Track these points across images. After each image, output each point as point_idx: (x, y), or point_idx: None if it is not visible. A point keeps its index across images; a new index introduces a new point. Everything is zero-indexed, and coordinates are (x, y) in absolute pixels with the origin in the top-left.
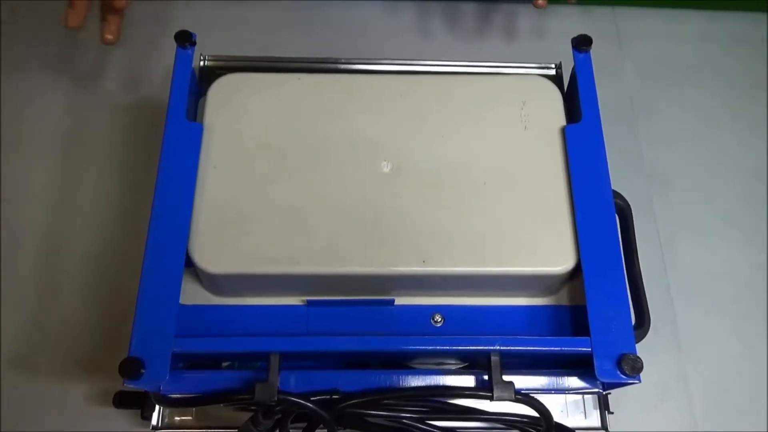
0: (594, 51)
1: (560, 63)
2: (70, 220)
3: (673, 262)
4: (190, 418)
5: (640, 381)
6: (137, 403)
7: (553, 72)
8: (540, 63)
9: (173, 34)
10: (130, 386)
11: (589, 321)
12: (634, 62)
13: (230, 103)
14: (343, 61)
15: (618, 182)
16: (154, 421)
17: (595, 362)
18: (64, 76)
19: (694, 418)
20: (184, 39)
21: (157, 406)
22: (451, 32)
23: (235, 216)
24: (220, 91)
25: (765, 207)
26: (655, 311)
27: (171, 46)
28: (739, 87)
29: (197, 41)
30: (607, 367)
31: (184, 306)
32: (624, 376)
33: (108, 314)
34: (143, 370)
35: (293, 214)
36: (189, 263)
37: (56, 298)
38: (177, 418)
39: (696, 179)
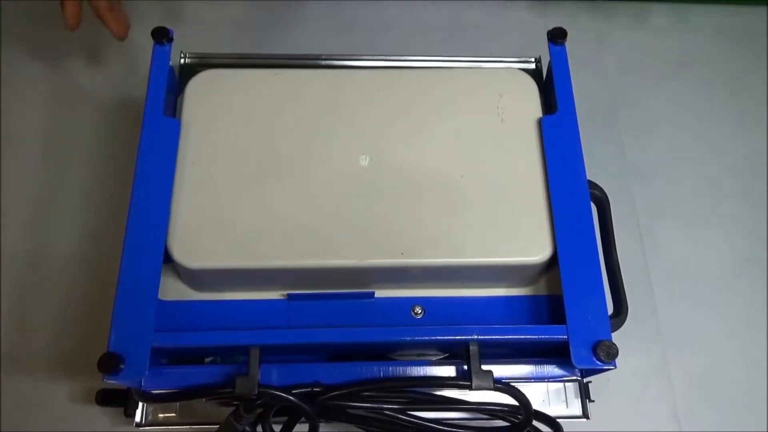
0: (575, 45)
1: (539, 56)
2: (54, 219)
3: (654, 253)
4: (173, 414)
5: (615, 367)
6: (120, 401)
7: (532, 66)
8: (519, 57)
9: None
10: (110, 382)
11: (566, 309)
12: (615, 55)
13: (208, 98)
14: (323, 57)
15: (599, 173)
16: (137, 419)
17: (572, 349)
18: (46, 75)
19: (675, 405)
20: (161, 35)
21: (140, 404)
22: (435, 29)
23: (213, 211)
24: (198, 86)
25: (747, 198)
26: (637, 301)
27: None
28: (721, 79)
29: (176, 38)
30: (583, 353)
31: (163, 302)
32: (599, 362)
33: (91, 313)
34: (122, 366)
35: (272, 209)
36: (168, 259)
37: (39, 296)
38: (161, 415)
39: (677, 171)
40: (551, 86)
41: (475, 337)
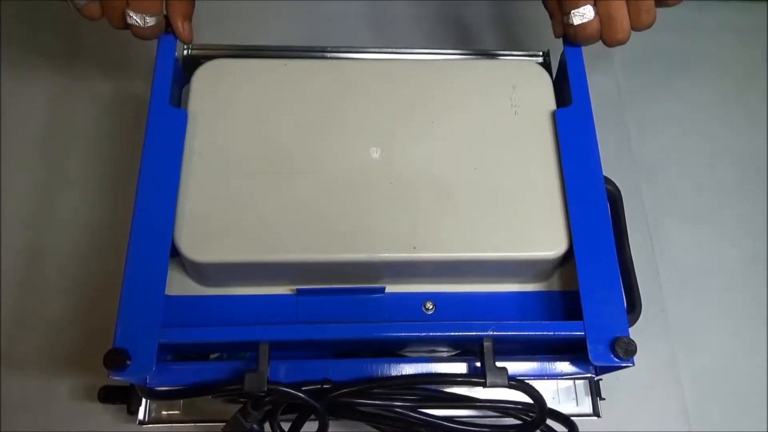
0: None
1: (548, 51)
2: (54, 214)
3: (663, 250)
4: (177, 412)
5: (633, 364)
6: (123, 398)
7: (541, 60)
8: (528, 51)
9: None
10: (115, 379)
11: (582, 304)
12: (622, 52)
13: (215, 89)
14: (330, 49)
15: (607, 171)
16: (140, 416)
17: (589, 346)
18: (46, 68)
19: (685, 403)
20: (168, 24)
21: (143, 400)
22: (440, 25)
23: (221, 204)
24: (204, 77)
25: (754, 195)
26: (645, 298)
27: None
28: (728, 76)
29: None
30: (601, 350)
31: (170, 297)
32: (617, 360)
33: (93, 309)
34: (129, 362)
35: (281, 201)
36: (175, 253)
37: (39, 293)
38: (164, 413)
39: (685, 168)
40: (564, 78)
41: (491, 333)
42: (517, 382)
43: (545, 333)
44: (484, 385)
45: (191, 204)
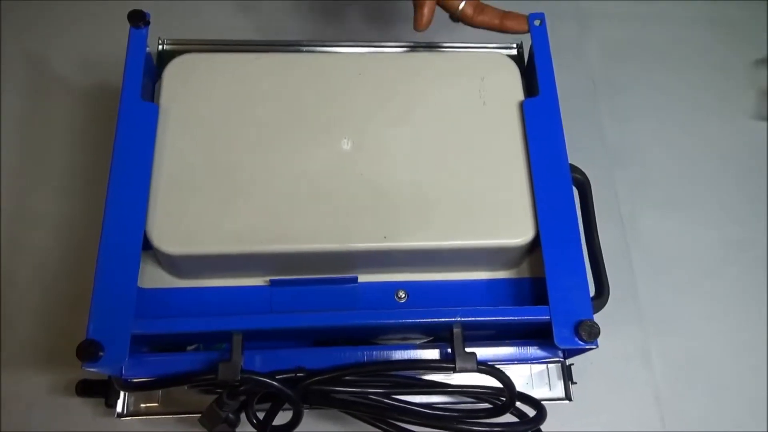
0: (556, 32)
1: (521, 43)
2: (30, 208)
3: (635, 238)
4: (156, 404)
5: (597, 346)
6: (101, 391)
7: (514, 52)
8: (501, 43)
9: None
10: (91, 370)
11: (548, 290)
12: (597, 42)
13: (187, 82)
14: (304, 43)
15: (580, 160)
16: (119, 409)
17: (554, 329)
18: (21, 62)
19: (657, 387)
20: (138, 18)
21: (121, 393)
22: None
23: (193, 196)
24: (176, 71)
25: (727, 182)
26: (618, 285)
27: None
28: (704, 67)
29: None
30: (566, 333)
31: (143, 289)
32: (582, 342)
33: (70, 303)
34: (101, 353)
35: (253, 193)
36: (147, 245)
37: (17, 287)
38: (143, 405)
39: (659, 156)
40: (533, 70)
41: (458, 319)
42: (486, 367)
43: (512, 318)
44: (453, 370)
45: (163, 197)
